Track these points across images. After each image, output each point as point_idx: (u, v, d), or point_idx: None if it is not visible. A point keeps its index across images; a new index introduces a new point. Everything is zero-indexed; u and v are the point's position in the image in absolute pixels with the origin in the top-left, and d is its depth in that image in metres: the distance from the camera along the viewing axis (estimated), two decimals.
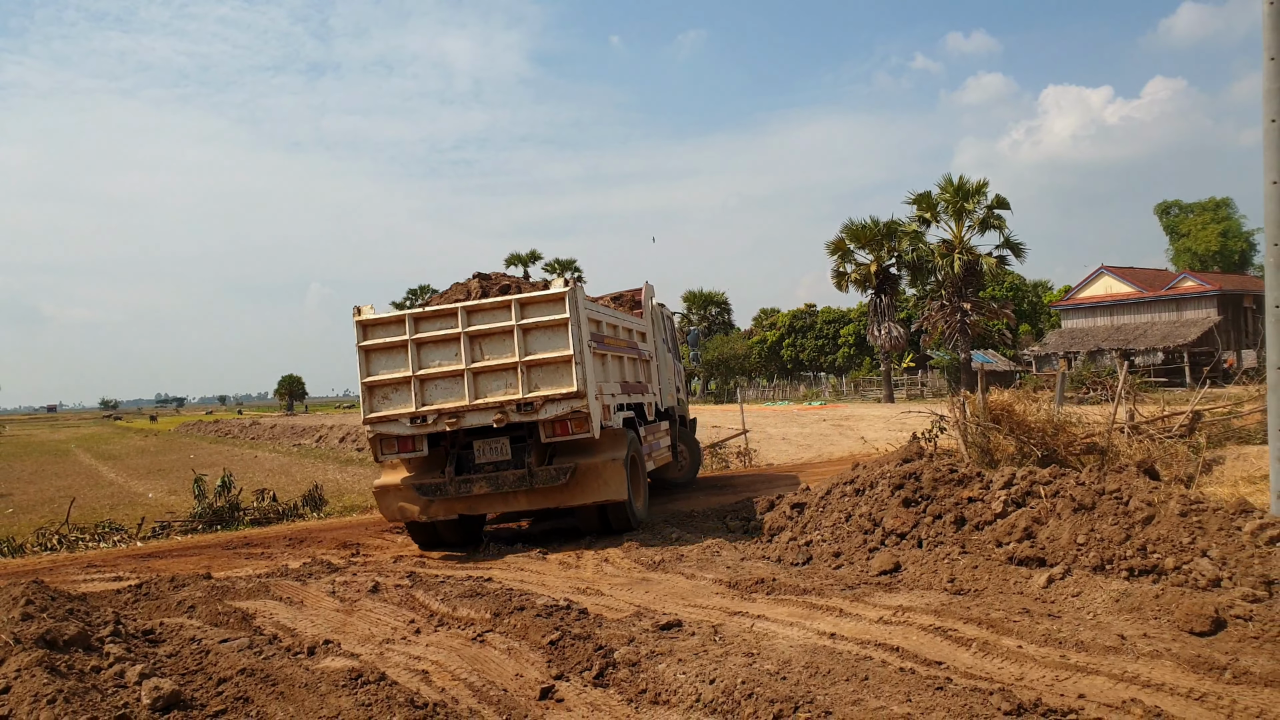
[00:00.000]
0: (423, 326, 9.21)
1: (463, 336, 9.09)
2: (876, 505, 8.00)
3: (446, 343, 9.17)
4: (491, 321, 9.15)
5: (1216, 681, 4.47)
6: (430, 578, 8.08)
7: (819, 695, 4.47)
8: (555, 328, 9.08)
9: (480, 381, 9.12)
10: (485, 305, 9.19)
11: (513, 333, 9.07)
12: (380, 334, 9.24)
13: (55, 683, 4.45)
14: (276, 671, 5.22)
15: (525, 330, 9.09)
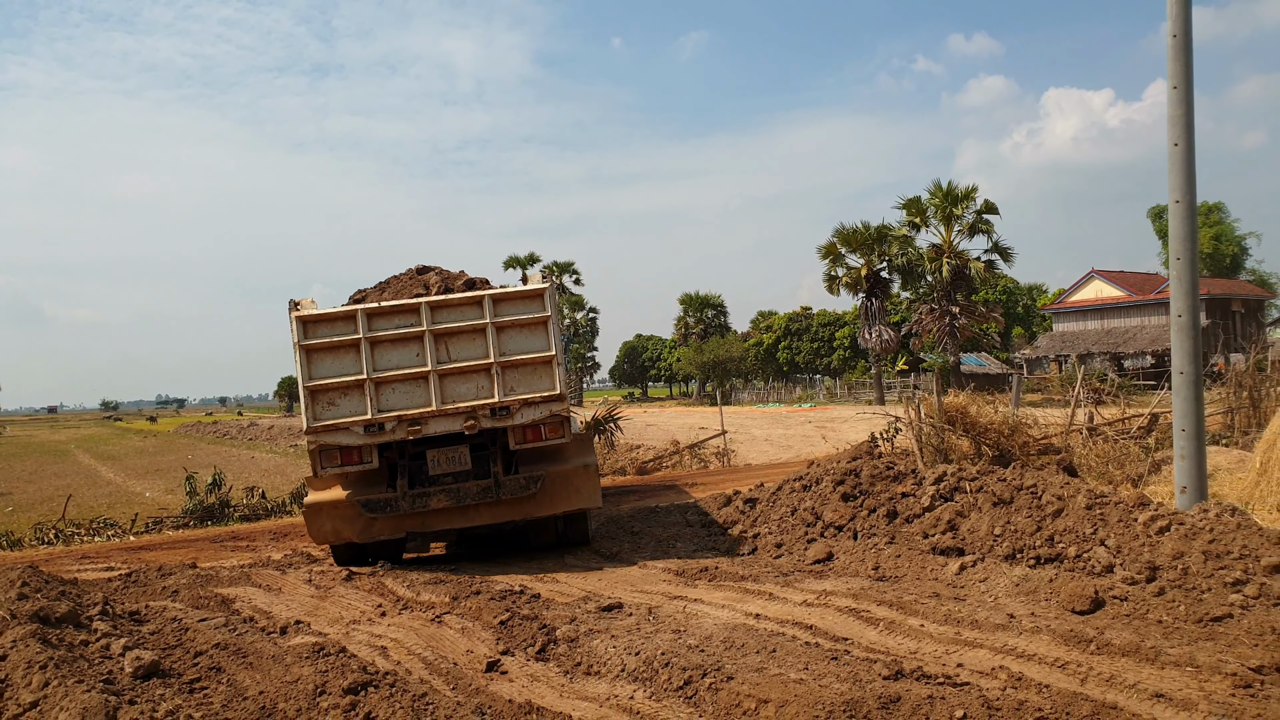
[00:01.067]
0: (378, 324, 8.33)
1: (427, 335, 8.34)
2: (820, 500, 8.55)
3: (406, 341, 8.37)
4: (460, 319, 8.46)
5: (1081, 652, 5.01)
6: (400, 568, 8.63)
7: (728, 664, 5.01)
8: (533, 326, 8.55)
9: (447, 384, 8.39)
10: (453, 301, 8.49)
11: (485, 331, 8.43)
12: (325, 331, 8.28)
13: (47, 652, 4.99)
14: (248, 646, 5.78)
15: (500, 328, 8.46)
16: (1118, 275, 57.95)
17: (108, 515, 15.57)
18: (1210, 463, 12.69)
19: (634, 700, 4.79)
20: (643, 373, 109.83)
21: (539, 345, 8.57)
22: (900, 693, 4.37)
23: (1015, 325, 70.76)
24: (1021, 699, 4.32)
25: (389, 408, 8.31)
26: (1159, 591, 5.71)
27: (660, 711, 4.60)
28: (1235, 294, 55.06)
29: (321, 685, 4.91)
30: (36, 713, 4.42)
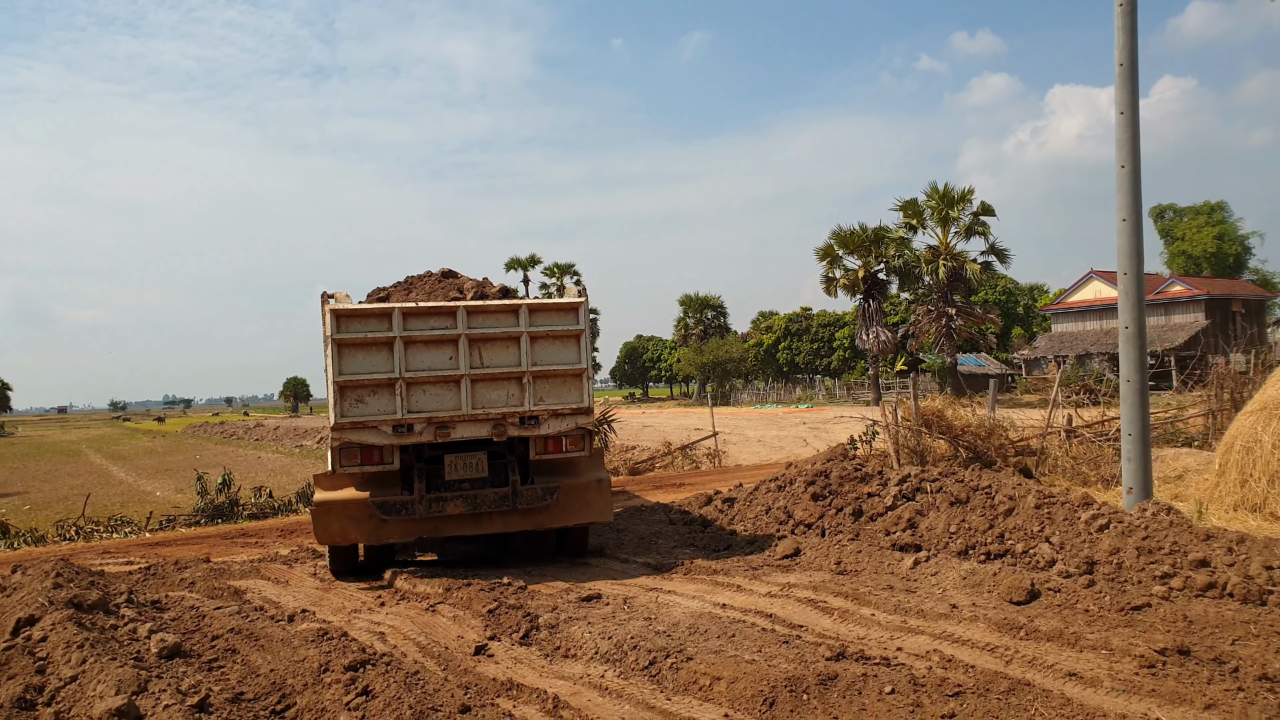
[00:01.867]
0: (413, 324, 8.22)
1: (462, 339, 8.26)
2: (792, 500, 9.11)
3: (440, 344, 8.27)
4: (496, 326, 8.40)
5: (1011, 638, 5.55)
6: (399, 562, 9.20)
7: (690, 647, 5.57)
8: (566, 338, 8.56)
9: (478, 390, 8.33)
10: (490, 307, 8.44)
11: (519, 339, 8.40)
12: (359, 327, 8.15)
13: (82, 634, 5.57)
14: (259, 631, 6.35)
15: (533, 338, 8.45)
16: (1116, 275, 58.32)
17: (122, 514, 16.16)
18: (1182, 464, 13.25)
19: (604, 679, 5.35)
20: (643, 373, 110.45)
21: (570, 357, 8.56)
22: (838, 671, 4.92)
23: (1015, 325, 71.26)
24: (945, 677, 4.87)
25: (418, 409, 8.19)
26: (1089, 583, 6.26)
27: (626, 688, 5.15)
28: (1236, 294, 55.47)
29: (325, 664, 5.47)
30: (76, 685, 4.99)
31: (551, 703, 4.97)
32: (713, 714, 4.66)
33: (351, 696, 4.96)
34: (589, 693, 5.14)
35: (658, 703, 4.90)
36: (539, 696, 5.09)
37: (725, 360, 76.85)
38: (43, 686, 5.11)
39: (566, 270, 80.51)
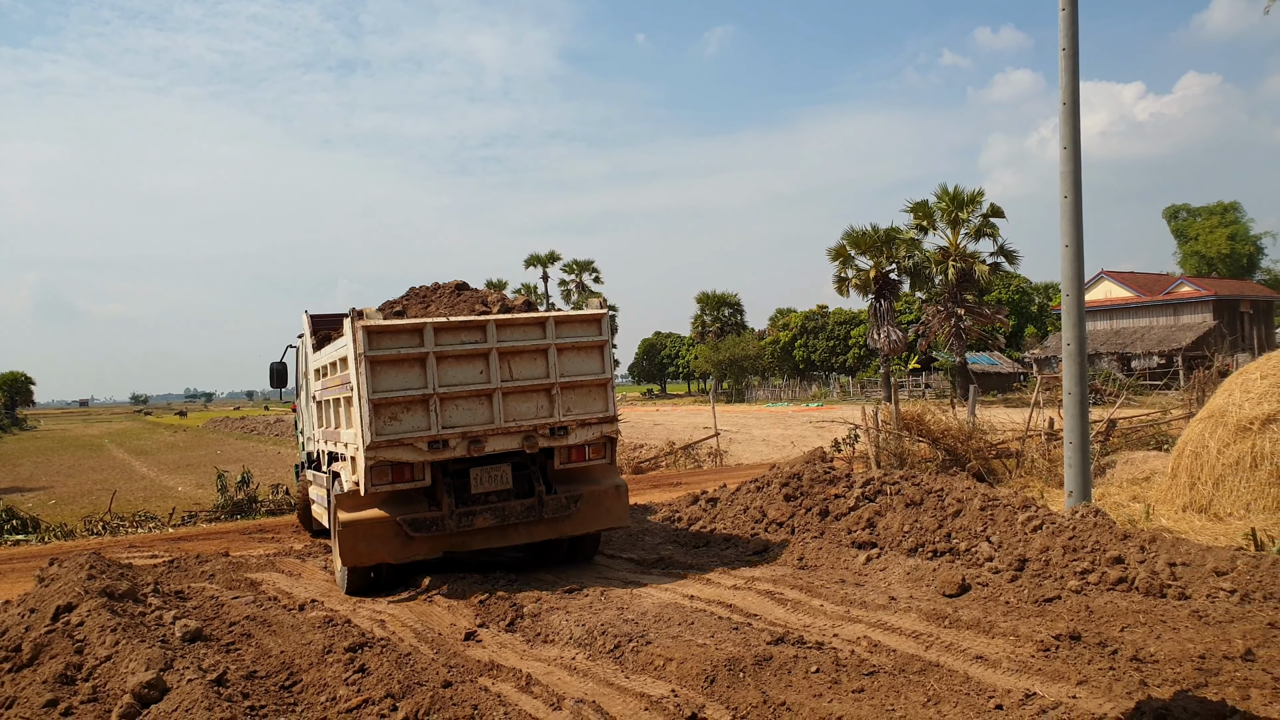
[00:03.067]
0: (444, 339, 8.17)
1: (493, 353, 8.30)
2: (768, 500, 9.80)
3: (471, 359, 8.28)
4: (524, 339, 8.46)
5: (935, 626, 6.24)
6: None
7: (651, 633, 6.29)
8: (590, 349, 8.71)
9: (509, 403, 8.37)
10: (518, 321, 8.52)
11: (546, 352, 8.51)
12: (390, 344, 8.02)
13: (115, 619, 6.35)
14: (272, 618, 7.13)
15: (560, 350, 8.56)
16: (1127, 276, 58.52)
17: (145, 509, 17.05)
18: (1150, 466, 13.82)
19: (574, 660, 6.07)
20: (661, 370, 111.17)
21: (595, 368, 8.71)
22: (774, 654, 5.63)
23: (1029, 324, 71.48)
24: (867, 659, 5.57)
25: (452, 424, 8.15)
26: (1014, 578, 6.93)
27: (592, 668, 5.88)
28: (1244, 294, 55.55)
29: (329, 646, 6.23)
30: (110, 664, 5.76)
31: (525, 680, 5.69)
32: (662, 690, 5.37)
33: (350, 673, 5.72)
34: (559, 672, 5.87)
35: (617, 680, 5.62)
36: (515, 675, 5.81)
37: (741, 358, 77.46)
38: (81, 664, 5.89)
39: (585, 267, 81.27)
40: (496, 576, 8.47)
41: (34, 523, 14.54)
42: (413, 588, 8.36)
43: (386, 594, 8.33)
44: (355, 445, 8.10)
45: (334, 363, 9.14)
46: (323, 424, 10.14)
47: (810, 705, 4.87)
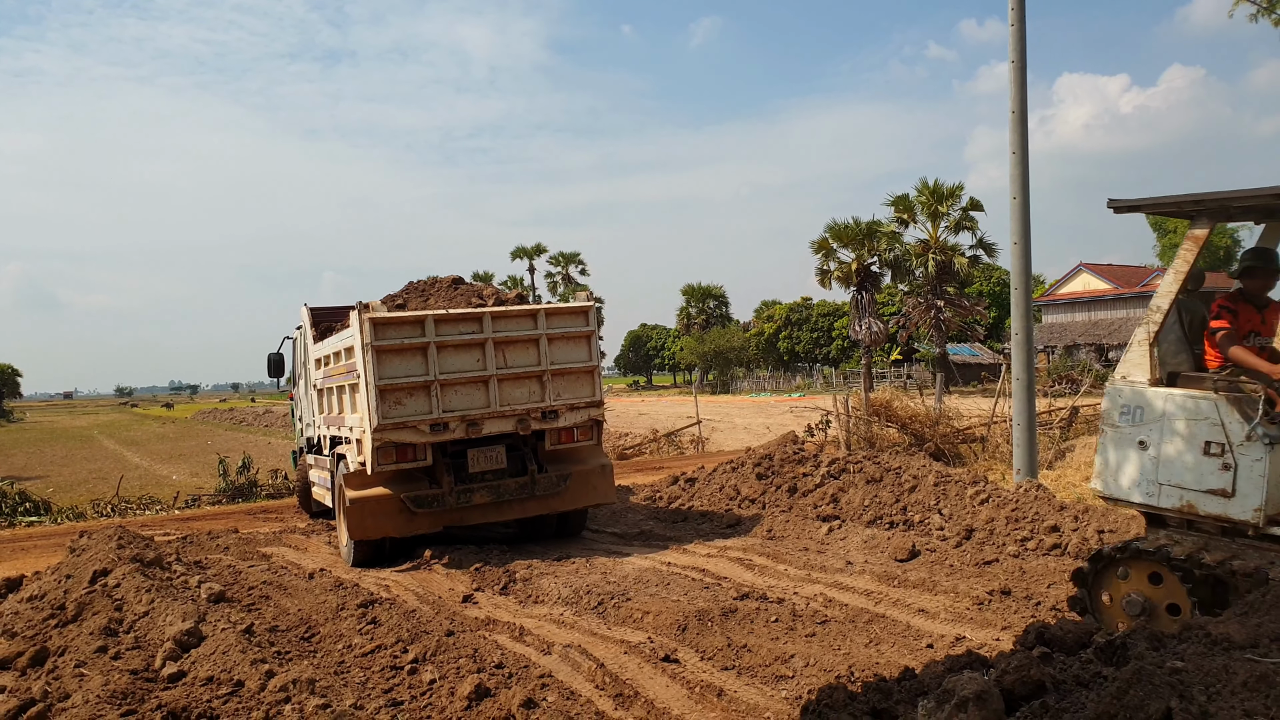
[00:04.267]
0: (444, 330, 8.83)
1: (489, 342, 8.95)
2: (741, 479, 10.54)
3: (469, 348, 8.93)
4: (518, 329, 9.12)
5: (885, 585, 6.99)
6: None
7: (631, 592, 7.02)
8: (578, 338, 9.37)
9: (504, 388, 9.05)
10: (512, 313, 9.18)
11: (538, 341, 9.15)
12: (394, 335, 8.67)
13: (148, 581, 7.02)
14: (287, 583, 7.82)
15: (550, 339, 9.21)
16: (1105, 268, 59.59)
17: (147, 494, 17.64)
18: None
19: (562, 616, 6.79)
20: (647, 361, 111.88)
21: (582, 356, 9.38)
22: (739, 607, 6.37)
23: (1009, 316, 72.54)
24: (820, 610, 6.32)
25: (452, 408, 8.81)
26: (959, 545, 7.70)
27: (578, 622, 6.60)
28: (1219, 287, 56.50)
29: (341, 604, 6.94)
30: (148, 619, 6.44)
31: (518, 631, 6.41)
32: (640, 637, 6.09)
33: (363, 624, 6.43)
34: (549, 625, 6.58)
35: (600, 631, 6.34)
36: (509, 628, 6.53)
37: (726, 349, 78.26)
38: (121, 620, 6.56)
39: (572, 259, 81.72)
40: (491, 548, 9.18)
41: (45, 506, 15.15)
42: (414, 559, 9.04)
43: (389, 565, 9.01)
44: (362, 428, 8.77)
45: (338, 352, 9.78)
46: (324, 410, 10.78)
47: (768, 646, 5.60)
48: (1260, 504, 4.78)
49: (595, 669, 5.42)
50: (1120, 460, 5.43)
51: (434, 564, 8.69)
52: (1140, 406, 5.34)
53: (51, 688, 5.17)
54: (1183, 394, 5.17)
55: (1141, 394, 5.35)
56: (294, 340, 13.46)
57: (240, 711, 4.60)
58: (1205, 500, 4.99)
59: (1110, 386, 5.63)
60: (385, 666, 5.64)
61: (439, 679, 5.30)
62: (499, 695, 4.93)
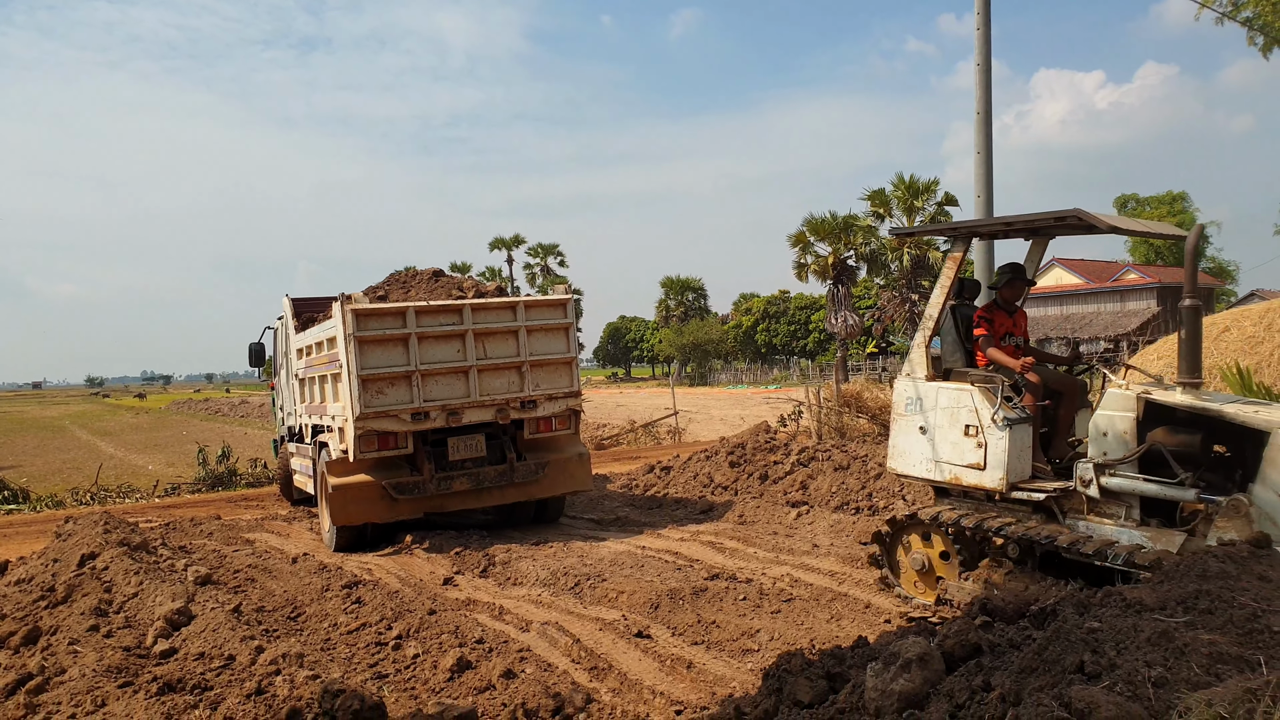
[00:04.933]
0: (425, 321, 9.01)
1: (469, 334, 9.15)
2: (715, 467, 10.85)
3: (449, 339, 9.12)
4: (497, 321, 9.31)
5: (849, 567, 7.30)
6: None
7: (606, 574, 7.30)
8: (556, 330, 9.60)
9: (483, 378, 9.24)
10: (492, 305, 9.38)
11: (517, 333, 9.37)
12: (376, 325, 8.85)
13: (136, 564, 7.23)
14: (271, 566, 8.05)
15: (529, 331, 9.41)
16: (1077, 263, 60.43)
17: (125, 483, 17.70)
18: None
19: (540, 596, 7.06)
20: (626, 354, 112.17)
21: (560, 348, 9.63)
22: (709, 586, 6.67)
23: None
24: (786, 589, 6.62)
25: (433, 398, 9.00)
26: None
27: (556, 601, 6.87)
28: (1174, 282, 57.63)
29: (326, 585, 7.18)
30: (137, 599, 6.65)
31: (498, 610, 6.68)
32: (614, 615, 6.37)
33: (347, 604, 6.68)
34: (527, 605, 6.85)
35: (576, 609, 6.61)
36: (489, 607, 6.80)
37: (705, 342, 78.67)
38: (111, 600, 6.77)
39: (550, 251, 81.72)
40: (471, 534, 9.43)
41: (24, 494, 15.22)
42: (395, 544, 9.28)
43: (371, 550, 9.24)
44: (344, 416, 8.97)
45: (320, 342, 9.96)
46: (306, 399, 10.96)
47: (735, 622, 5.91)
48: (1003, 475, 5.84)
49: (571, 644, 5.70)
50: (906, 443, 6.47)
51: (415, 549, 8.92)
52: (919, 398, 6.39)
53: (48, 663, 5.38)
54: (949, 386, 6.22)
55: (919, 387, 6.38)
56: (275, 330, 13.61)
57: (233, 683, 4.83)
58: (966, 473, 6.07)
59: (897, 382, 6.65)
60: (370, 643, 5.89)
61: (422, 653, 5.56)
62: (480, 667, 5.20)
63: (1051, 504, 5.80)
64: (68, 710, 4.62)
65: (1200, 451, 5.28)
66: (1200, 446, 5.28)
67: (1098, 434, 5.58)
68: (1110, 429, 5.51)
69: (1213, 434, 5.29)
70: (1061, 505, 5.80)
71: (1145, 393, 5.51)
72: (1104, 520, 5.57)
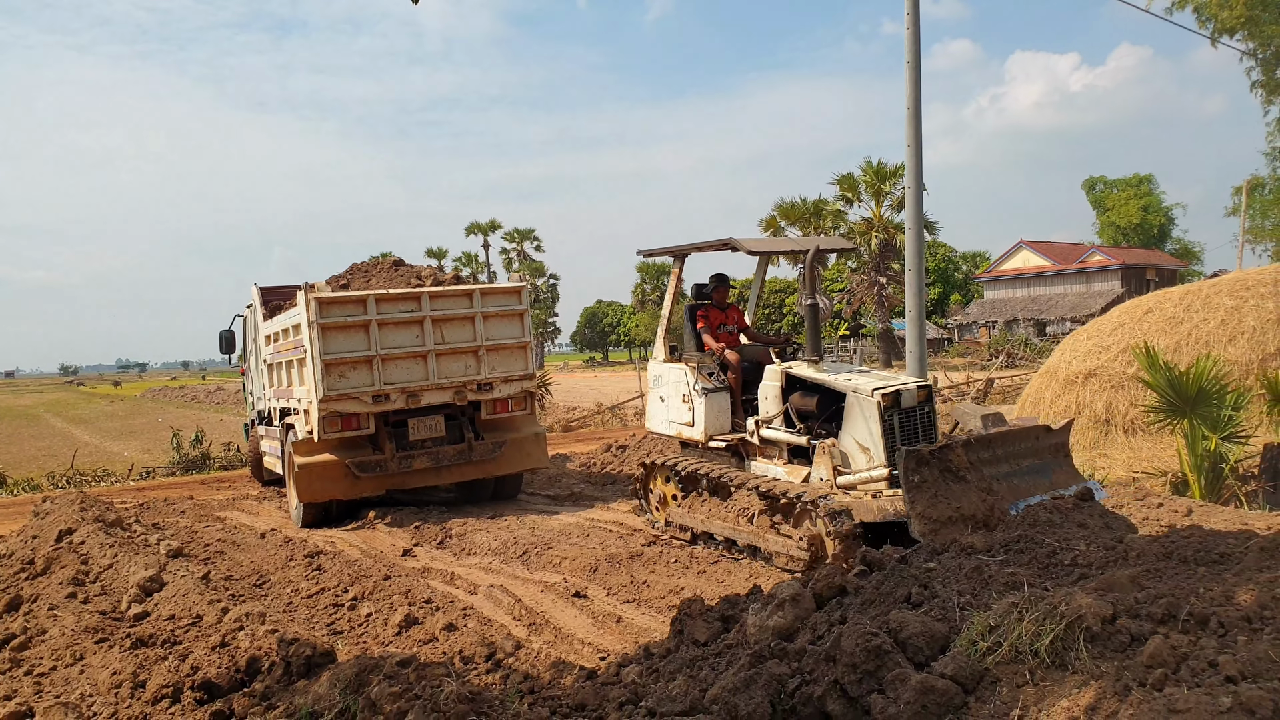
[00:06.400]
0: (385, 308, 9.44)
1: (427, 320, 9.57)
2: (668, 444, 11.38)
3: (408, 325, 9.54)
4: (454, 308, 9.74)
5: None
6: None
7: (553, 542, 7.85)
8: (511, 316, 10.06)
9: (441, 362, 9.69)
10: (449, 292, 9.80)
11: (474, 319, 9.80)
12: (338, 313, 9.26)
13: (111, 538, 7.71)
14: (240, 540, 8.55)
15: (485, 317, 9.85)
16: (1044, 245, 61.39)
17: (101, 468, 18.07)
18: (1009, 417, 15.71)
19: (490, 564, 7.60)
20: (603, 338, 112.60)
21: (515, 333, 10.08)
22: (645, 551, 7.25)
23: (954, 292, 74.40)
24: (713, 554, 7.20)
25: (392, 381, 9.46)
26: None
27: (504, 568, 7.41)
28: (1150, 264, 58.78)
29: (290, 556, 7.70)
30: (112, 570, 7.14)
31: (450, 576, 7.22)
32: (556, 578, 6.92)
33: (309, 572, 7.21)
34: (478, 571, 7.40)
35: (522, 575, 7.17)
36: (442, 574, 7.33)
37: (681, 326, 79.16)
38: (88, 571, 7.25)
39: (526, 235, 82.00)
40: (431, 510, 9.96)
41: (0, 479, 15.58)
42: (359, 520, 9.79)
43: (336, 525, 9.74)
44: (309, 399, 9.45)
45: (286, 329, 10.41)
46: (274, 384, 11.42)
47: (664, 582, 6.48)
48: (705, 429, 7.88)
49: (514, 604, 6.25)
50: (653, 409, 8.70)
51: (377, 524, 9.44)
52: (660, 375, 8.58)
53: (30, 625, 5.87)
54: (674, 366, 8.31)
55: (658, 368, 8.61)
56: (245, 318, 14.02)
57: (200, 638, 5.35)
58: (684, 429, 8.15)
59: (649, 363, 8.93)
60: (328, 604, 6.43)
61: (374, 612, 6.10)
62: (425, 623, 5.75)
63: (739, 449, 7.75)
64: (49, 663, 5.12)
65: (817, 409, 7.08)
66: (817, 405, 7.09)
67: (761, 398, 7.51)
68: (768, 394, 7.42)
69: (825, 397, 7.06)
70: (742, 451, 7.75)
71: (788, 368, 7.39)
72: (767, 460, 7.50)
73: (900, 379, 7.17)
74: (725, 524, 7.25)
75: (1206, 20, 28.96)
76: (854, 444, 6.75)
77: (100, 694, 4.65)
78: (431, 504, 10.50)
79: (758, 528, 6.97)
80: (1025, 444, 6.50)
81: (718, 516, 7.38)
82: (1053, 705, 2.56)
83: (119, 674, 4.79)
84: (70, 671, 5.00)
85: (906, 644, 3.15)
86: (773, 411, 7.41)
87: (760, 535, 6.90)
